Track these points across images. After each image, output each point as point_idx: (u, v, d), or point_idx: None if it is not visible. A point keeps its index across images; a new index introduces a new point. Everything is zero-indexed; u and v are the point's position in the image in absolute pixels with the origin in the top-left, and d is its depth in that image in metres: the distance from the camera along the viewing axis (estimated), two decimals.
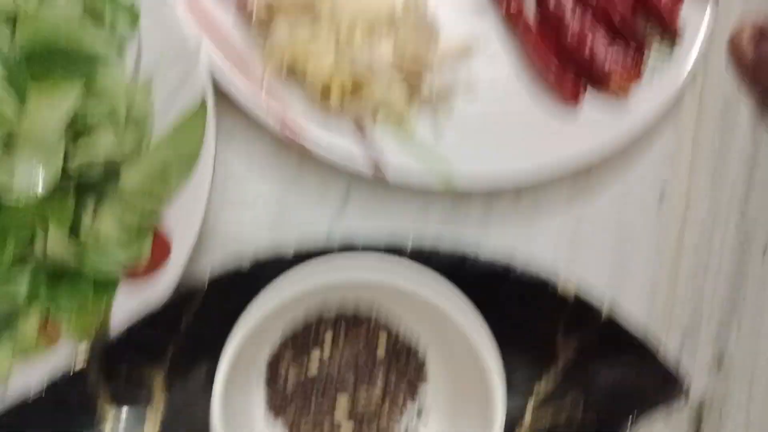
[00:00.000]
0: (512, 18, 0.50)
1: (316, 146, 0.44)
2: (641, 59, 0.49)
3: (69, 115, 0.38)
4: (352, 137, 0.45)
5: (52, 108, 0.37)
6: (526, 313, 0.42)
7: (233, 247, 0.47)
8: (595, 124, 0.48)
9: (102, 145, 0.40)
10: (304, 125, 0.45)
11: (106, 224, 0.41)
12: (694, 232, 0.51)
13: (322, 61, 0.44)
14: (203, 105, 0.41)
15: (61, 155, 0.38)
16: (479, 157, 0.47)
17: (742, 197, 0.52)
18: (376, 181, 0.48)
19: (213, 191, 0.42)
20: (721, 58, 0.53)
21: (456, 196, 0.49)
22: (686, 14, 0.50)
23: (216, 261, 0.46)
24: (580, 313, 0.42)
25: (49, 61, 0.39)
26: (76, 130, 0.39)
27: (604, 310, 0.42)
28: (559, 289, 0.42)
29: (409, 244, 0.42)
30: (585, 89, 0.49)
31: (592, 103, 0.49)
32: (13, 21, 0.39)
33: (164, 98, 0.42)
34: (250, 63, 0.45)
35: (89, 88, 0.40)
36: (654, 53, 0.50)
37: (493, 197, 0.49)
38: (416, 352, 0.45)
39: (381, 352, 0.44)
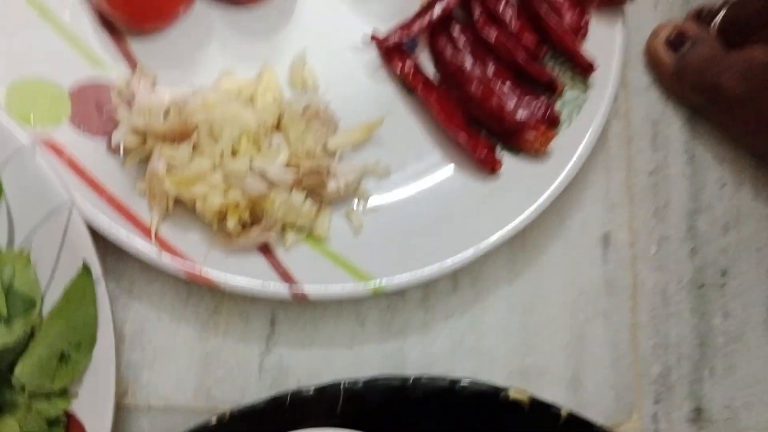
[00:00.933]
0: (408, 79, 0.46)
1: (224, 283, 0.41)
2: (553, 106, 0.46)
3: None
4: (261, 263, 0.42)
5: None
6: (480, 428, 0.39)
7: (162, 403, 0.42)
8: (519, 186, 0.45)
9: None
10: (205, 262, 0.41)
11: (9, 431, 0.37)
12: (646, 274, 0.47)
13: (209, 187, 0.40)
14: (86, 268, 0.38)
15: None
16: (404, 252, 0.43)
17: (690, 224, 0.49)
18: (302, 306, 0.44)
19: (126, 348, 0.39)
20: (641, 79, 0.50)
21: (389, 296, 0.45)
22: (597, 40, 0.47)
23: (147, 424, 0.42)
24: (538, 418, 0.38)
25: None
26: None
27: (563, 411, 0.39)
28: (510, 396, 0.38)
29: (343, 382, 0.38)
30: (499, 152, 0.46)
31: (512, 164, 0.45)
32: None
33: (46, 265, 0.39)
34: (132, 205, 0.41)
35: None
36: (569, 91, 0.47)
37: (430, 288, 0.45)
38: None
39: None
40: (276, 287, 0.41)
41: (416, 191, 0.45)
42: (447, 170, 0.46)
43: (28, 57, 0.42)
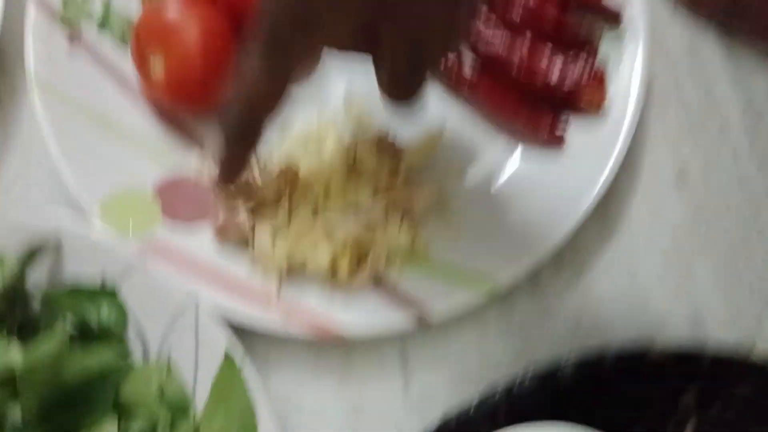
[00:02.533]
0: (458, 84, 0.47)
1: (350, 332, 0.42)
2: (593, 64, 0.47)
3: None
4: (380, 300, 0.43)
5: None
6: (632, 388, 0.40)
7: None
8: (589, 149, 0.46)
9: None
10: (329, 318, 0.42)
11: None
12: (732, 196, 0.48)
13: (314, 243, 0.42)
14: (228, 358, 0.39)
15: None
16: (506, 244, 0.44)
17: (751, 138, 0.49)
18: (427, 331, 0.45)
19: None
20: (663, 11, 0.51)
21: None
22: None
23: None
24: (683, 363, 0.40)
25: (65, 408, 0.36)
26: None
27: (708, 347, 0.40)
28: (654, 351, 0.40)
29: (498, 389, 0.39)
30: (561, 123, 0.47)
31: (575, 132, 0.46)
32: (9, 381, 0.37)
33: (187, 367, 0.40)
34: (248, 284, 0.43)
35: (117, 405, 0.38)
36: (606, 43, 0.48)
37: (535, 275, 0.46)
38: None
39: None
40: (400, 319, 0.42)
41: (495, 186, 0.46)
42: (517, 156, 0.47)
43: (109, 171, 0.43)
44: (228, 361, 0.39)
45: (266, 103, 0.33)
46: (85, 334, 0.39)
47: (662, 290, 0.47)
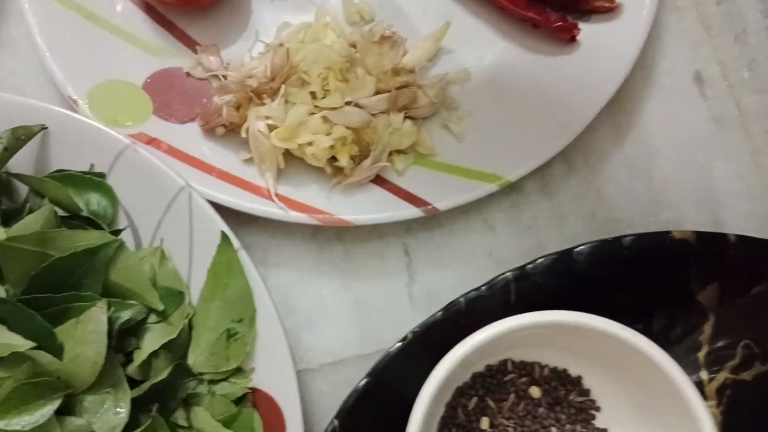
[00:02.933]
0: None
1: (357, 219, 0.40)
2: None
3: (105, 340, 0.33)
4: (383, 194, 0.41)
5: (87, 343, 0.33)
6: (649, 279, 0.38)
7: (331, 359, 0.42)
8: (602, 50, 0.44)
9: (153, 340, 0.35)
10: (330, 207, 0.40)
11: (201, 421, 0.36)
12: (748, 99, 0.46)
13: (312, 132, 0.40)
14: (225, 240, 0.37)
15: (125, 381, 0.34)
16: (513, 144, 0.42)
17: None
18: (431, 221, 0.43)
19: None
20: None
21: (511, 190, 0.44)
22: None
23: (323, 382, 0.42)
24: (705, 251, 0.37)
25: (53, 290, 0.34)
26: (120, 344, 0.35)
27: (731, 237, 0.38)
28: (676, 236, 0.37)
29: (509, 272, 0.37)
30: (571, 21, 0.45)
31: (588, 31, 0.44)
32: None
33: (182, 254, 0.38)
34: (244, 175, 0.41)
35: (107, 290, 0.36)
36: None
37: (546, 175, 0.45)
38: (578, 384, 0.39)
39: (537, 393, 0.39)
40: (408, 211, 0.40)
41: (502, 86, 0.44)
42: (526, 57, 0.45)
43: (95, 64, 0.42)
44: (224, 244, 0.37)
45: None
46: (74, 219, 0.37)
47: (679, 193, 0.45)
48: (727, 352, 0.40)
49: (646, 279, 0.38)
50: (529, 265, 0.37)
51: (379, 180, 0.42)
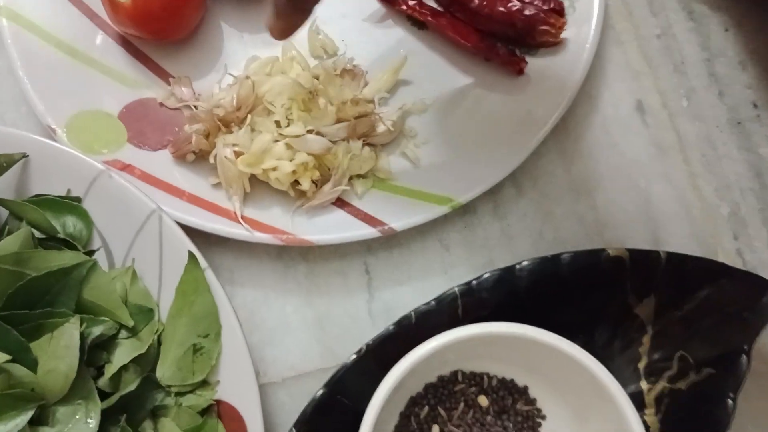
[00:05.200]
0: (416, 14, 0.48)
1: (319, 239, 0.43)
2: None
3: (78, 355, 0.35)
4: (343, 216, 0.44)
5: (60, 357, 0.35)
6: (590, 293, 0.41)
7: (293, 373, 0.44)
8: (547, 81, 0.47)
9: (124, 354, 0.38)
10: (294, 229, 0.43)
11: (168, 431, 0.38)
12: (686, 126, 0.50)
13: (276, 158, 0.42)
14: (192, 259, 0.39)
15: (95, 394, 0.36)
16: (465, 169, 0.45)
17: (709, 71, 0.51)
18: (390, 241, 0.46)
19: (245, 333, 0.40)
20: None
21: (465, 212, 0.47)
22: None
23: (285, 395, 0.44)
24: (641, 267, 0.40)
25: (28, 307, 0.37)
26: (91, 359, 0.37)
27: (662, 253, 0.41)
28: (611, 253, 0.40)
29: (456, 287, 0.40)
30: (520, 53, 0.48)
31: (534, 65, 0.48)
32: None
33: (152, 273, 0.40)
34: (212, 198, 0.43)
35: (81, 307, 0.38)
36: None
37: (497, 198, 0.48)
38: (524, 393, 0.42)
39: (485, 402, 0.42)
40: (366, 231, 0.43)
41: (457, 116, 0.48)
42: (479, 88, 0.48)
43: (74, 95, 0.44)
44: (192, 263, 0.39)
45: None
46: (50, 242, 0.40)
47: (622, 214, 0.48)
48: (664, 363, 0.43)
49: (587, 293, 0.41)
50: (475, 281, 0.40)
51: (340, 202, 0.45)
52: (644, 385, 0.43)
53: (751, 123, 0.50)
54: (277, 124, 0.43)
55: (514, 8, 0.47)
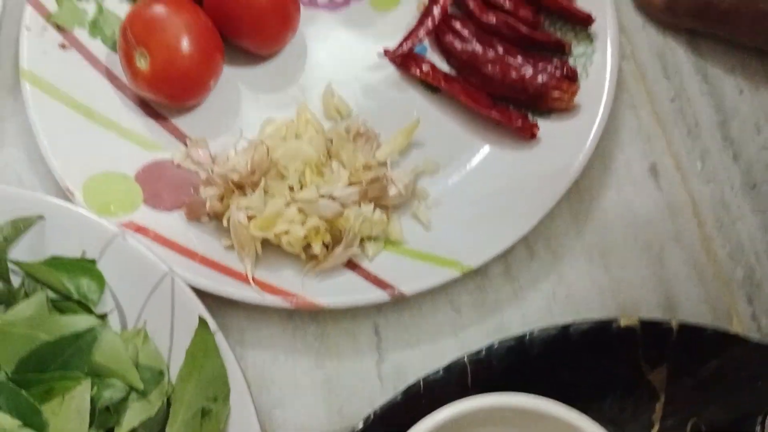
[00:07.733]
0: (430, 78, 0.49)
1: (328, 303, 0.43)
2: (567, 63, 0.49)
3: (88, 418, 0.36)
4: (354, 278, 0.44)
5: (70, 420, 0.36)
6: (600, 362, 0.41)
7: None
8: (560, 145, 0.48)
9: (133, 417, 0.38)
10: (304, 292, 0.43)
11: None
12: (700, 189, 0.50)
13: (288, 222, 0.43)
14: (203, 323, 0.40)
15: None
16: (478, 232, 0.45)
17: (723, 134, 0.51)
18: (401, 302, 0.46)
19: (253, 394, 0.40)
20: (635, 20, 0.53)
21: (476, 274, 0.47)
22: None
23: None
24: (652, 337, 0.40)
25: (41, 370, 0.37)
26: (101, 421, 0.37)
27: (674, 323, 0.40)
28: (622, 324, 0.40)
29: (466, 355, 0.40)
30: (532, 119, 0.49)
31: (547, 128, 0.48)
32: None
33: (163, 335, 0.41)
34: (224, 261, 0.44)
35: (92, 369, 0.39)
36: (576, 47, 0.50)
37: (510, 260, 0.48)
38: None
39: None
40: (376, 294, 0.43)
41: (469, 178, 0.48)
42: (491, 150, 0.49)
43: (92, 157, 0.45)
44: (202, 327, 0.40)
45: None
46: (65, 302, 0.40)
47: (635, 276, 0.48)
48: (677, 431, 0.42)
49: (598, 361, 0.41)
50: (484, 351, 0.40)
51: (350, 264, 0.45)
52: None
53: (766, 185, 0.50)
54: (290, 188, 0.44)
55: (527, 75, 0.48)
